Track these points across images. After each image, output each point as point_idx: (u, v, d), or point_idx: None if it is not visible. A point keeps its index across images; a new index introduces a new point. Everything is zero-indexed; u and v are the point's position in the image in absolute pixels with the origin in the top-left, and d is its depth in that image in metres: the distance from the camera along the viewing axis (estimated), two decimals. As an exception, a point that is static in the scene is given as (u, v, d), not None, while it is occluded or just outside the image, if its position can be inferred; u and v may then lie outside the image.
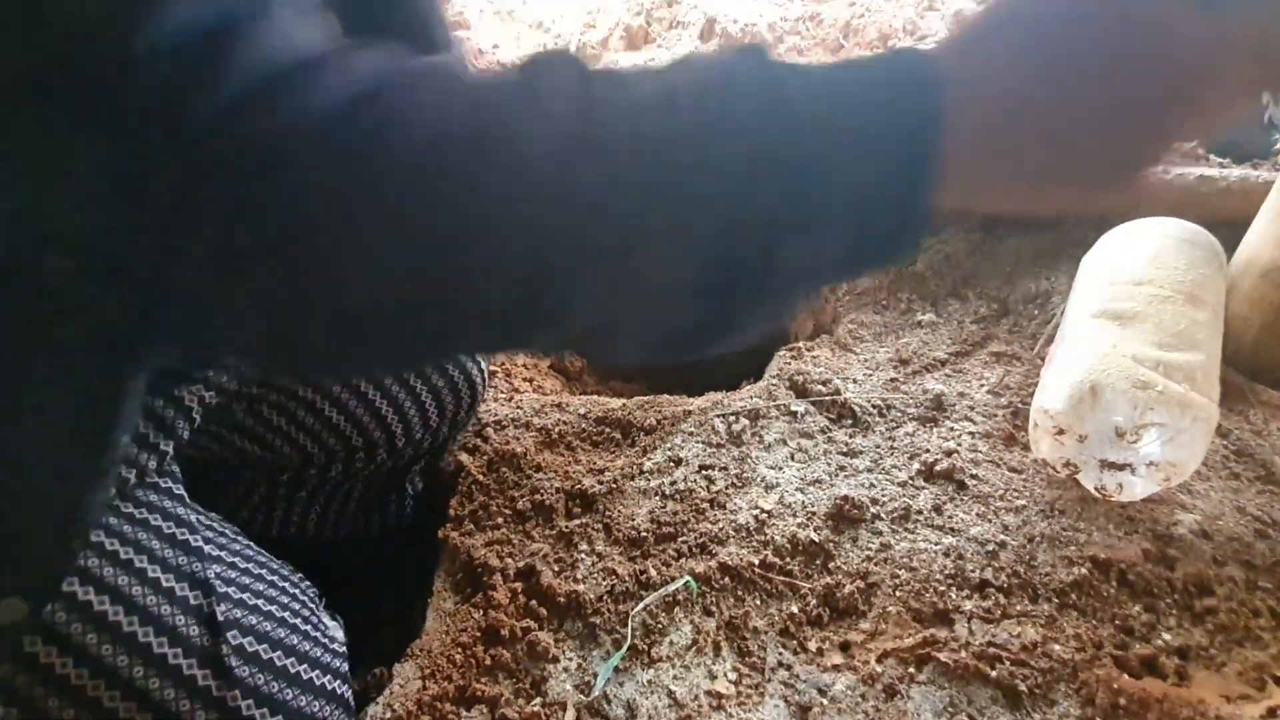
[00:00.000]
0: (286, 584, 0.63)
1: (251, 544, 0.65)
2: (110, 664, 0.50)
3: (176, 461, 0.64)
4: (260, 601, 0.59)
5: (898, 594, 0.69)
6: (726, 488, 0.81)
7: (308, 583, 0.67)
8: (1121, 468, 0.73)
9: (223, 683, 0.52)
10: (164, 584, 0.54)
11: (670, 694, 0.63)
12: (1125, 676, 0.60)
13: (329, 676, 0.60)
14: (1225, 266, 0.89)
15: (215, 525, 0.63)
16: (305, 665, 0.58)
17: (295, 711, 0.55)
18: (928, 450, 0.83)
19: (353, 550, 0.85)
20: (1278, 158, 1.21)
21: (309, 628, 0.61)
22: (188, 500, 0.62)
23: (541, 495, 0.80)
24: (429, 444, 0.82)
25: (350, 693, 0.62)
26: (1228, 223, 1.03)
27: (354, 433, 0.76)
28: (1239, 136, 1.38)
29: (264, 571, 0.62)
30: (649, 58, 2.32)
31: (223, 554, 0.60)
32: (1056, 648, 0.63)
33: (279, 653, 0.57)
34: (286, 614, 0.60)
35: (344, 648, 0.64)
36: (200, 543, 0.58)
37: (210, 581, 0.56)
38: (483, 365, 0.85)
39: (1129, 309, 0.78)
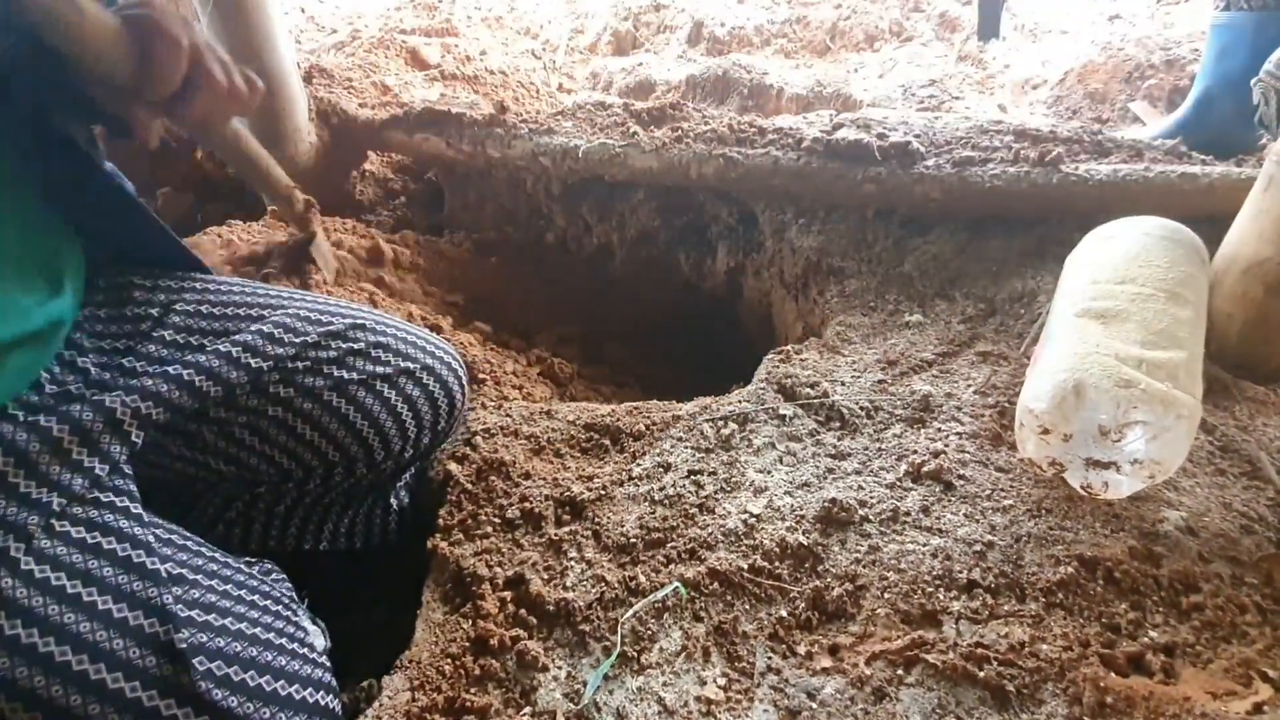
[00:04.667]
0: (257, 596, 0.61)
1: (219, 555, 0.63)
2: (62, 704, 0.49)
3: (132, 479, 0.62)
4: (228, 621, 0.57)
5: (886, 596, 0.69)
6: (715, 492, 0.81)
7: (286, 585, 0.66)
8: (1107, 466, 0.73)
9: (191, 710, 0.51)
10: (115, 615, 0.52)
11: (660, 700, 0.63)
12: (1112, 675, 0.60)
13: (310, 689, 0.58)
14: (1207, 264, 0.89)
15: (177, 540, 0.61)
16: (283, 681, 0.57)
17: None
18: (915, 451, 0.84)
19: (341, 562, 0.84)
20: (1260, 154, 1.22)
21: (284, 640, 0.59)
22: (146, 519, 0.59)
23: (530, 503, 0.80)
24: (411, 455, 0.81)
25: (336, 702, 0.61)
26: (1211, 219, 1.04)
27: (330, 449, 0.75)
28: (1225, 132, 1.40)
29: (230, 587, 0.60)
30: (637, 62, 2.32)
31: (184, 571, 0.58)
32: (1044, 647, 0.64)
33: (252, 672, 0.55)
34: (258, 629, 0.58)
35: (325, 656, 0.63)
36: (157, 564, 0.56)
37: (169, 608, 0.54)
38: (461, 375, 0.85)
39: (1112, 308, 0.79)
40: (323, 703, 0.59)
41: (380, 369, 0.77)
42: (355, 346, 0.76)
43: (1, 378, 0.57)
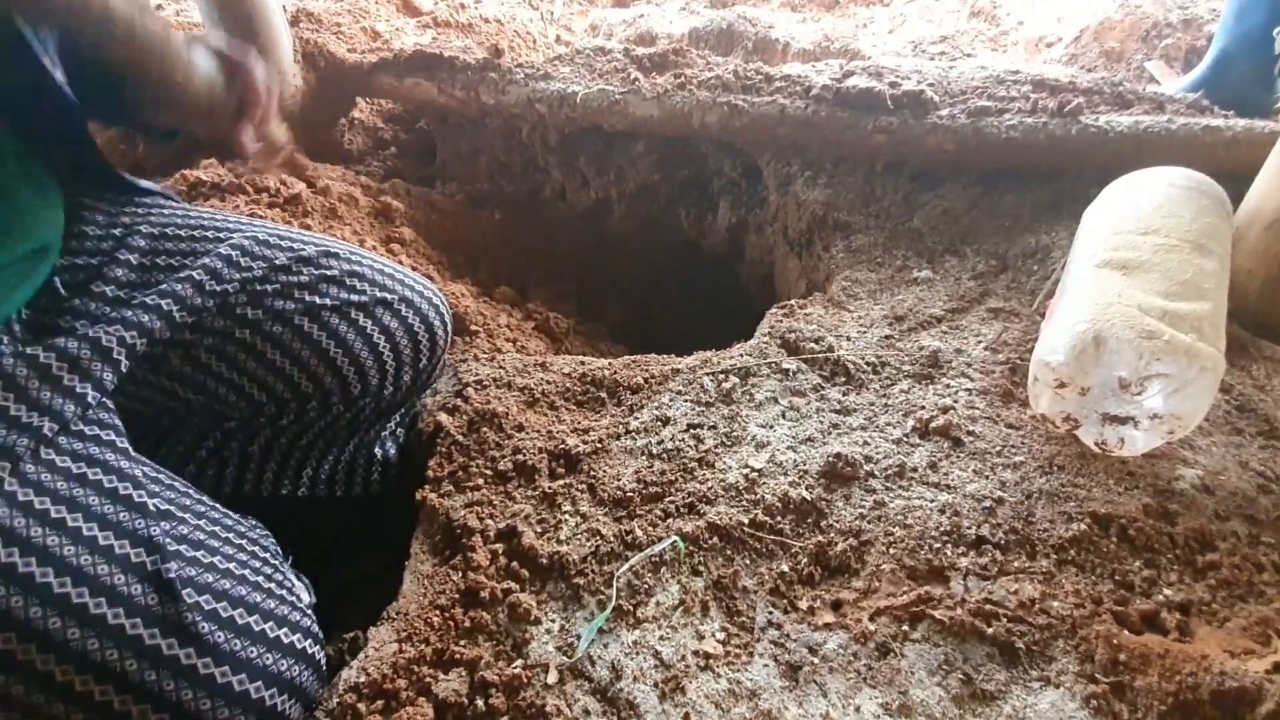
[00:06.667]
0: (244, 540, 0.60)
1: (205, 499, 0.61)
2: (40, 627, 0.47)
3: (116, 414, 0.60)
4: (217, 559, 0.55)
5: (891, 551, 0.67)
6: (715, 446, 0.78)
7: (271, 539, 0.64)
8: (1124, 421, 0.70)
9: (175, 641, 0.49)
10: (102, 543, 0.50)
11: (656, 654, 0.60)
12: (1125, 632, 0.58)
13: (298, 635, 0.57)
14: (1232, 216, 0.86)
15: (164, 479, 0.59)
16: (271, 623, 0.55)
17: (260, 670, 0.52)
18: (923, 407, 0.81)
19: (328, 513, 0.81)
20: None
21: (272, 585, 0.58)
22: (132, 453, 0.57)
23: (524, 455, 0.77)
24: (391, 393, 0.78)
25: (321, 653, 0.59)
26: (1233, 175, 1.00)
27: (303, 379, 0.72)
28: (1242, 94, 1.35)
29: (218, 529, 0.59)
30: (638, 14, 2.24)
31: (172, 508, 0.56)
32: (1055, 604, 0.61)
33: (240, 610, 0.54)
34: (247, 571, 0.57)
35: (310, 606, 0.61)
36: (145, 498, 0.54)
37: (156, 539, 0.52)
38: (444, 312, 0.81)
39: (1134, 258, 0.75)
40: (309, 651, 0.57)
41: (355, 297, 0.73)
42: (328, 273, 0.72)
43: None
